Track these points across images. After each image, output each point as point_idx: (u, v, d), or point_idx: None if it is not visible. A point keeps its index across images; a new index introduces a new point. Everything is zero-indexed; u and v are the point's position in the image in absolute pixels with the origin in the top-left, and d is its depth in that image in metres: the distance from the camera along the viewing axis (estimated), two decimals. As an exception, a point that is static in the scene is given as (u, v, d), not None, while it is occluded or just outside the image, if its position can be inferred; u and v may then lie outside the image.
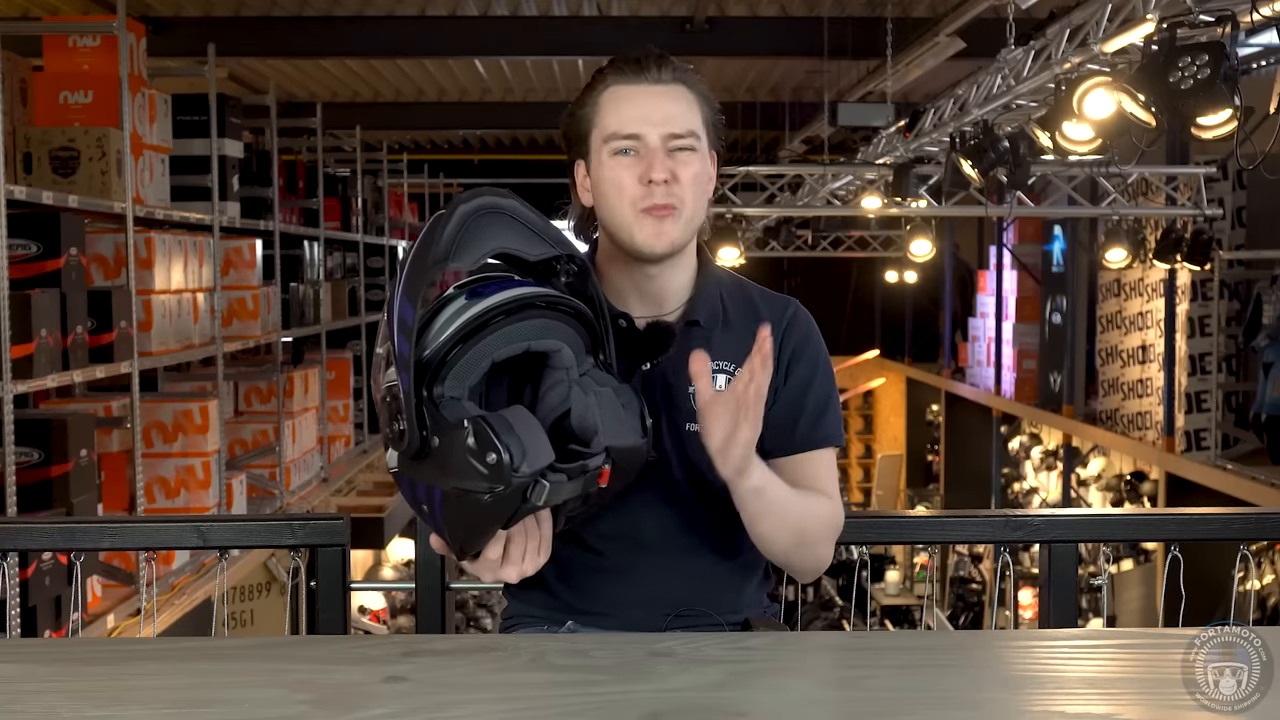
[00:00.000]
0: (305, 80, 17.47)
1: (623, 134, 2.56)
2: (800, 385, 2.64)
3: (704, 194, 2.62)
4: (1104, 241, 13.16)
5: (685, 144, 2.56)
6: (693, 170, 2.57)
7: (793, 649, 2.28)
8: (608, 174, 2.58)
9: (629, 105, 2.58)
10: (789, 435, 2.61)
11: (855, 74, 15.18)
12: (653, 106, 2.57)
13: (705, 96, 2.63)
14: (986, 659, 2.18)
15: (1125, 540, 4.82)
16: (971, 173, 9.98)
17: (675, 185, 2.55)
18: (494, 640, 2.18)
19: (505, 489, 2.17)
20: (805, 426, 2.62)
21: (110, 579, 7.92)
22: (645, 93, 2.58)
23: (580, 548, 2.59)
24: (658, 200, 2.53)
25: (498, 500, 2.18)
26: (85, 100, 8.04)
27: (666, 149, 2.55)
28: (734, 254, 13.67)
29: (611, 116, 2.58)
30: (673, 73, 2.60)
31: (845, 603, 18.79)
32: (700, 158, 2.59)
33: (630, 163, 2.56)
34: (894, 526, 3.44)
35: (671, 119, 2.57)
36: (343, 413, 13.80)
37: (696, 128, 2.59)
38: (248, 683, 1.96)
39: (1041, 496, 19.39)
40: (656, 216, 2.54)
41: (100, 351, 7.61)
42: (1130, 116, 7.44)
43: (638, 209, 2.55)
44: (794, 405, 2.63)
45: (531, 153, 24.46)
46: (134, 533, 3.32)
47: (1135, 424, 14.35)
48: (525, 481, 2.17)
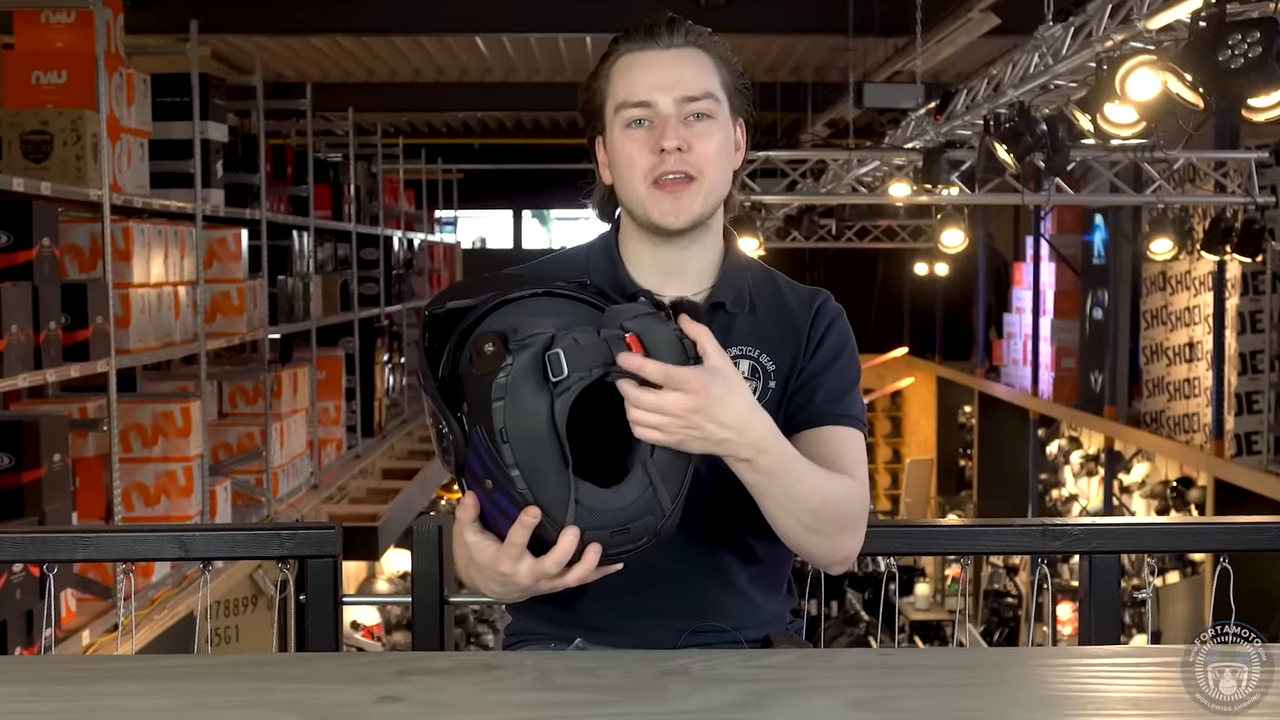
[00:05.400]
0: (294, 59, 17.49)
1: (633, 101, 2.57)
2: (823, 363, 2.65)
3: (727, 164, 2.62)
4: (1148, 231, 13.14)
5: (702, 109, 2.56)
6: (713, 140, 2.57)
7: (816, 667, 2.28)
8: (619, 148, 2.58)
9: (639, 71, 2.58)
10: (806, 408, 2.62)
11: (882, 52, 15.20)
12: (664, 71, 2.57)
13: (725, 60, 2.63)
14: (1023, 678, 2.18)
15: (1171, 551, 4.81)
16: (1007, 158, 9.97)
17: (690, 154, 2.55)
18: (496, 658, 2.18)
19: (512, 364, 2.21)
20: (826, 400, 2.63)
21: (86, 592, 7.92)
22: (656, 57, 2.59)
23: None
24: (670, 168, 2.54)
25: (518, 387, 2.22)
26: (59, 80, 8.04)
27: (681, 116, 2.55)
28: (753, 245, 13.67)
29: (622, 85, 2.59)
30: (685, 35, 2.60)
31: (872, 618, 18.76)
32: (721, 126, 2.59)
33: (643, 134, 2.56)
34: (924, 536, 3.43)
35: (683, 82, 2.56)
36: (334, 415, 13.80)
37: (714, 89, 2.58)
38: (232, 703, 1.96)
39: (1081, 504, 19.37)
40: (672, 192, 2.54)
41: (75, 349, 7.61)
42: (1176, 98, 7.42)
43: (649, 182, 2.55)
44: (815, 380, 2.64)
45: (537, 136, 24.48)
46: (111, 543, 3.32)
47: (1182, 426, 14.34)
48: (533, 353, 2.22)
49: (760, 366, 2.63)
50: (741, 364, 2.61)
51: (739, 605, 2.64)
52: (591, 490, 2.27)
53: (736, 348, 2.61)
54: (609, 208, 2.74)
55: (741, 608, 2.64)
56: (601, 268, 2.67)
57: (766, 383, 2.63)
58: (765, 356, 2.64)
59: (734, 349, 2.61)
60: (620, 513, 2.29)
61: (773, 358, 2.64)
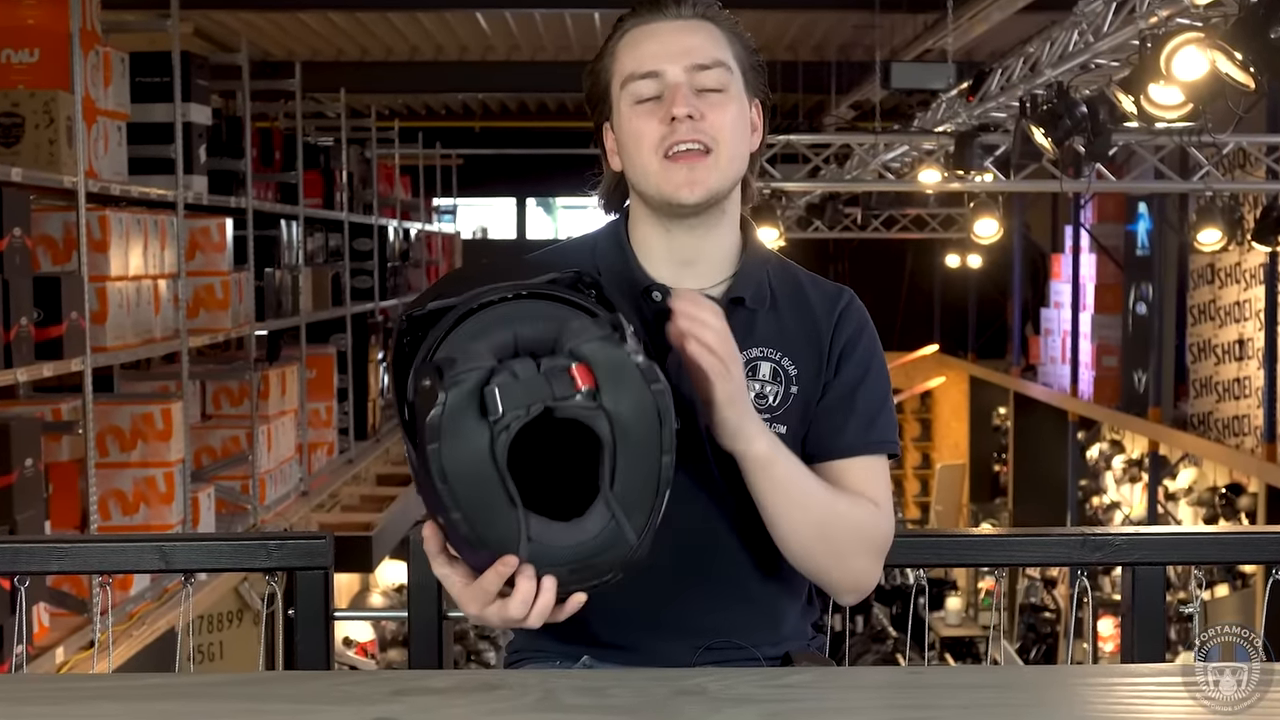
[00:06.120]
0: (282, 36, 17.51)
1: (640, 72, 2.57)
2: (851, 382, 2.64)
3: (743, 140, 2.62)
4: (1195, 221, 13.12)
5: (714, 79, 2.57)
6: (727, 110, 2.58)
7: (840, 687, 2.27)
8: (628, 125, 2.59)
9: (646, 42, 2.59)
10: (836, 437, 2.62)
11: (911, 29, 15.20)
12: (672, 39, 2.58)
13: (738, 34, 2.64)
14: (1061, 699, 2.17)
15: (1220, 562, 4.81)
16: (1044, 142, 9.98)
17: (704, 123, 2.55)
18: (498, 677, 2.18)
19: (445, 403, 2.20)
20: (856, 429, 2.62)
21: (59, 606, 7.93)
22: (664, 28, 2.60)
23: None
24: (682, 137, 2.54)
25: (453, 427, 2.21)
26: (30, 59, 8.04)
27: (692, 86, 2.56)
28: (772, 235, 13.67)
29: (628, 58, 2.60)
30: (694, 8, 2.61)
31: (900, 634, 18.80)
32: (735, 99, 2.59)
33: (651, 108, 2.57)
34: (955, 547, 3.43)
35: (693, 50, 2.57)
36: (325, 417, 13.80)
37: (726, 59, 2.59)
38: (216, 725, 1.96)
39: (1124, 512, 19.38)
40: (686, 163, 2.54)
41: (48, 346, 7.61)
42: (1226, 77, 7.42)
43: (660, 155, 2.55)
44: (844, 404, 2.63)
45: (542, 119, 24.48)
46: (87, 553, 3.32)
47: (1231, 429, 14.33)
48: (466, 390, 2.21)
49: (782, 371, 2.63)
50: (762, 366, 2.61)
51: (757, 619, 2.64)
52: (545, 526, 2.28)
53: (758, 348, 2.61)
54: (616, 198, 2.74)
55: (760, 622, 2.64)
56: (610, 259, 2.67)
57: (789, 388, 2.62)
58: (787, 360, 2.63)
59: (755, 350, 2.61)
60: (579, 548, 2.29)
61: (795, 362, 2.63)
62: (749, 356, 2.59)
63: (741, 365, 2.46)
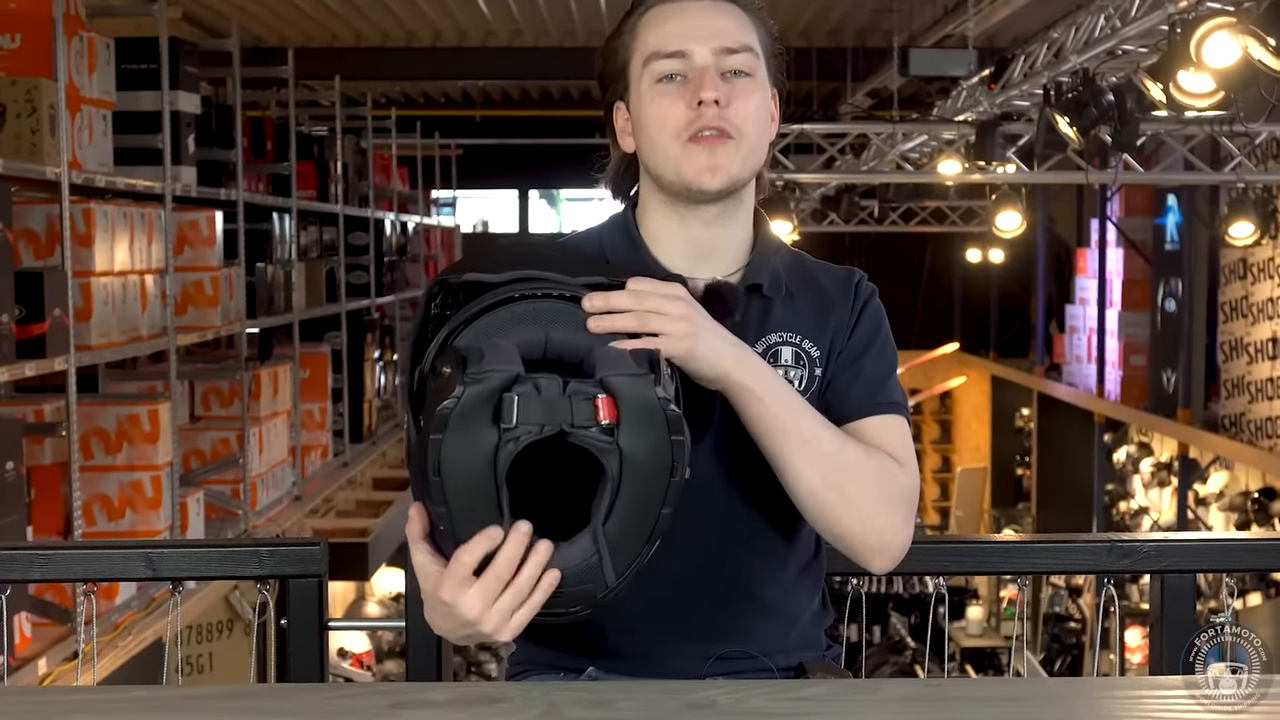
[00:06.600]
0: (274, 21, 17.51)
1: (666, 51, 2.57)
2: (859, 348, 2.67)
3: (765, 131, 2.64)
4: (1227, 214, 13.12)
5: (741, 63, 2.58)
6: (753, 98, 2.59)
7: (857, 699, 2.28)
8: (648, 106, 2.59)
9: (672, 21, 2.60)
10: (843, 401, 2.64)
11: (930, 14, 15.20)
12: (700, 20, 2.59)
13: (762, 20, 2.66)
14: (1087, 712, 2.17)
15: (1252, 570, 4.81)
16: (1069, 132, 9.97)
17: (729, 110, 2.56)
18: (499, 689, 2.18)
19: (461, 397, 2.20)
20: (863, 391, 2.64)
21: (42, 616, 7.94)
22: (689, 7, 2.61)
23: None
24: (707, 123, 2.54)
25: (462, 424, 2.21)
26: (11, 45, 8.05)
27: (719, 69, 2.57)
28: (786, 228, 13.67)
29: (652, 36, 2.60)
30: None
31: (919, 644, 18.77)
32: (760, 86, 2.61)
33: (676, 90, 2.57)
34: (976, 554, 3.43)
35: (722, 33, 2.58)
36: (319, 418, 13.80)
37: (753, 44, 2.61)
38: (205, 739, 1.96)
39: (1153, 518, 19.37)
40: (708, 145, 2.55)
41: (30, 344, 7.61)
42: (1259, 64, 7.42)
43: (683, 138, 2.56)
44: (851, 367, 2.65)
45: (545, 108, 24.46)
46: (70, 561, 3.33)
47: (1264, 431, 14.32)
48: (486, 390, 2.21)
49: (804, 353, 2.64)
50: (784, 351, 2.63)
51: (769, 626, 2.64)
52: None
53: (776, 334, 2.63)
54: (625, 182, 2.75)
55: (772, 629, 2.64)
56: (620, 252, 2.67)
57: (812, 370, 2.64)
58: (808, 342, 2.65)
59: (774, 335, 2.63)
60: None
61: (815, 343, 2.65)
62: (768, 342, 2.62)
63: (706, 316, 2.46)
